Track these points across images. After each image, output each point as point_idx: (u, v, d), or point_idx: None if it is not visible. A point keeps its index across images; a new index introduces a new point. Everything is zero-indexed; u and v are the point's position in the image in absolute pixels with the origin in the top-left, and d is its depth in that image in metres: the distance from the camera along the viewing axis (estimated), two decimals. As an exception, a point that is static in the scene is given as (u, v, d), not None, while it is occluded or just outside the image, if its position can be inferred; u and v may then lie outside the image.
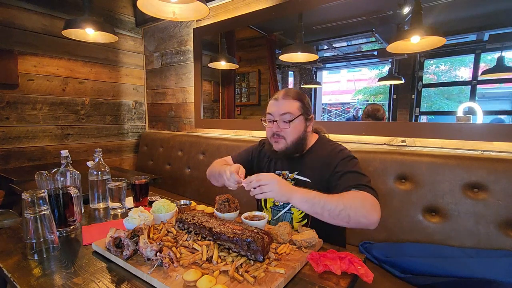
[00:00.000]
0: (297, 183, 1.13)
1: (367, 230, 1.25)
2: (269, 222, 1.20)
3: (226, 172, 1.04)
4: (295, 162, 1.16)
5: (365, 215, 0.87)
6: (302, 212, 1.12)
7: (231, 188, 1.04)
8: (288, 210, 1.15)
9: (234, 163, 1.31)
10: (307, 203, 0.89)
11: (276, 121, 1.10)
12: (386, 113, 2.14)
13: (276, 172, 1.21)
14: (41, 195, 0.85)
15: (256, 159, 1.31)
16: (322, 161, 1.11)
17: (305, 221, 1.12)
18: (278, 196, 0.89)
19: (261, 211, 1.24)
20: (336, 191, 0.95)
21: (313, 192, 0.91)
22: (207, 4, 1.29)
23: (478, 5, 1.64)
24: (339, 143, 1.18)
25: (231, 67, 2.62)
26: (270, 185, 0.89)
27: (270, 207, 1.20)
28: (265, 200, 1.22)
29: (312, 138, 1.20)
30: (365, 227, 0.89)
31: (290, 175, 1.16)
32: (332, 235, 1.03)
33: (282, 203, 1.16)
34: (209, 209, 1.18)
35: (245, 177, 1.24)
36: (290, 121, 1.08)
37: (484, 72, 1.89)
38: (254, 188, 0.92)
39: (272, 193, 0.89)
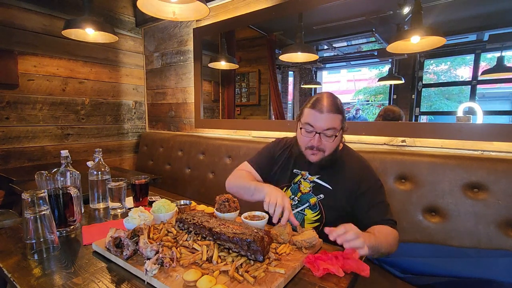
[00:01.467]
0: (316, 186, 1.12)
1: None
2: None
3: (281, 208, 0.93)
4: (316, 165, 1.13)
5: (393, 251, 0.98)
6: (317, 214, 1.11)
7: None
8: (301, 210, 1.13)
9: (256, 169, 1.24)
10: (371, 250, 0.85)
11: (318, 133, 1.05)
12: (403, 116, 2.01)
13: (294, 171, 1.19)
14: (41, 195, 0.85)
15: (276, 159, 1.26)
16: (350, 174, 1.10)
17: (318, 223, 1.11)
18: (365, 246, 0.82)
19: None
20: (365, 216, 1.05)
21: (372, 238, 0.88)
22: (207, 4, 1.29)
23: (478, 5, 1.64)
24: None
25: (231, 67, 2.62)
26: (361, 237, 0.81)
27: None
28: None
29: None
30: None
31: (309, 176, 1.15)
32: None
33: (296, 203, 1.15)
34: (209, 209, 1.18)
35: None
36: (335, 136, 1.04)
37: (484, 72, 1.89)
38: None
39: (364, 242, 0.81)
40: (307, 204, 1.13)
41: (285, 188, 1.19)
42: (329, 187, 1.11)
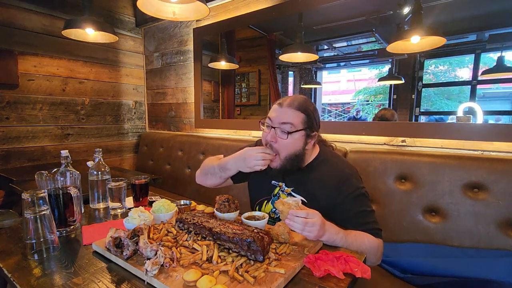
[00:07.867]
0: None
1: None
2: (279, 220, 1.18)
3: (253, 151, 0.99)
4: (292, 177, 1.09)
5: (372, 262, 0.96)
6: None
7: (257, 167, 0.99)
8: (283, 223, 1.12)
9: None
10: (331, 243, 0.90)
11: (275, 127, 1.00)
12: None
13: (273, 182, 1.15)
14: (41, 195, 0.85)
15: None
16: (325, 184, 1.03)
17: None
18: (313, 238, 0.85)
19: None
20: (348, 226, 0.98)
21: (340, 233, 0.89)
22: (207, 4, 1.29)
23: (478, 5, 1.63)
24: (342, 157, 1.13)
25: (231, 67, 2.62)
26: (314, 228, 0.83)
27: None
28: (260, 209, 1.18)
29: (313, 152, 1.11)
30: None
31: (286, 188, 1.11)
32: None
33: (278, 215, 1.11)
34: (209, 209, 1.18)
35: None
36: (289, 133, 0.98)
37: (484, 72, 1.89)
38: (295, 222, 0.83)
39: (311, 235, 0.83)
40: None
41: (265, 202, 1.16)
42: (304, 200, 1.04)
